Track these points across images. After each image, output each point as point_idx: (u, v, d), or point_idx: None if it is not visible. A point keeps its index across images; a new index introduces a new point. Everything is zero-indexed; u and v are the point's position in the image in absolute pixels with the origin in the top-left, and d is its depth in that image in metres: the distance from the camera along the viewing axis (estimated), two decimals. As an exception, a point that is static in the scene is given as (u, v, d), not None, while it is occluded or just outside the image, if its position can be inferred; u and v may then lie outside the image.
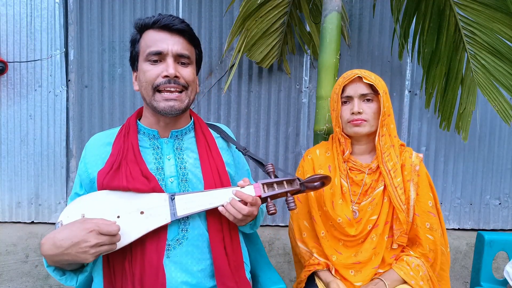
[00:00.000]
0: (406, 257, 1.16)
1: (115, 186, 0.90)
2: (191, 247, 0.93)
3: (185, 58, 0.95)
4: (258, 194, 0.94)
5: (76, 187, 1.00)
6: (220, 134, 1.11)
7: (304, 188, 1.01)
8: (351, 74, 1.14)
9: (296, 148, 2.41)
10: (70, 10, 2.24)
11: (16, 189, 2.29)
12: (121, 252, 0.88)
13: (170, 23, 0.93)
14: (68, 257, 0.79)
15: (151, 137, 1.00)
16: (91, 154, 0.99)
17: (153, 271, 0.87)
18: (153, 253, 0.88)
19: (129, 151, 0.94)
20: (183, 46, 0.95)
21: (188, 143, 1.03)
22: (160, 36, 0.93)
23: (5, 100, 2.24)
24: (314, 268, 1.21)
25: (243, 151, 1.08)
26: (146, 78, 0.93)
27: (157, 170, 0.95)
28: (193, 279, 0.92)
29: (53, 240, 0.79)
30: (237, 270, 0.96)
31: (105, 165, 0.93)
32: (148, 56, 0.93)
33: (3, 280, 2.10)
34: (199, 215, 0.96)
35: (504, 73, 1.81)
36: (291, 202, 0.95)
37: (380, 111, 1.15)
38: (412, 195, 1.15)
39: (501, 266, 2.22)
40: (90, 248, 0.78)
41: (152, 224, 0.89)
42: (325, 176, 1.02)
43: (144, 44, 0.95)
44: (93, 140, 1.02)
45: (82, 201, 0.89)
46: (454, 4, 1.81)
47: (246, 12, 1.89)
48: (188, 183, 0.97)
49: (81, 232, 0.78)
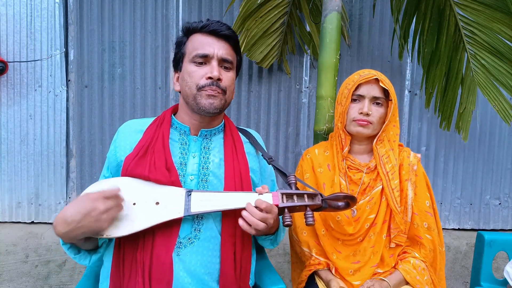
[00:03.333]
0: (413, 259, 1.15)
1: (137, 173, 0.92)
2: (201, 248, 0.93)
3: (228, 63, 1.00)
4: (276, 203, 0.91)
5: (104, 169, 1.04)
6: (249, 140, 1.12)
7: (326, 205, 0.95)
8: (368, 74, 1.13)
9: (296, 148, 2.41)
10: (70, 10, 2.24)
11: (16, 189, 2.29)
12: (132, 241, 0.90)
13: (218, 29, 0.98)
14: (83, 229, 0.81)
15: (182, 133, 1.03)
16: (123, 138, 1.02)
17: (160, 265, 0.88)
18: (162, 248, 0.89)
19: (158, 140, 0.97)
20: (228, 51, 1.00)
21: (216, 144, 1.05)
22: (207, 40, 0.98)
23: (5, 100, 2.24)
24: (314, 268, 1.21)
25: (268, 160, 1.08)
26: (192, 78, 0.97)
27: (180, 165, 0.97)
28: (199, 282, 0.92)
29: (63, 218, 0.81)
30: (242, 278, 0.96)
31: (133, 150, 0.96)
32: (194, 58, 0.98)
33: (3, 280, 2.10)
34: (214, 218, 0.96)
35: (504, 73, 1.81)
36: (309, 217, 0.90)
37: (386, 117, 1.15)
38: (410, 194, 1.16)
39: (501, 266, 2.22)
40: (101, 214, 0.80)
41: (165, 215, 0.89)
42: (351, 196, 0.97)
43: (191, 46, 0.99)
44: (126, 126, 1.05)
45: (102, 184, 0.91)
46: (454, 4, 1.81)
47: (246, 12, 1.89)
48: (208, 183, 0.98)
49: (88, 202, 0.80)
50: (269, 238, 1.05)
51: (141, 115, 2.31)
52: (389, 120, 1.16)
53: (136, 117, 2.30)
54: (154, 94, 2.31)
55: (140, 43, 2.28)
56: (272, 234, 1.04)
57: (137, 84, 2.30)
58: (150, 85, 2.30)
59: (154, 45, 2.29)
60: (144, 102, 2.31)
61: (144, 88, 2.30)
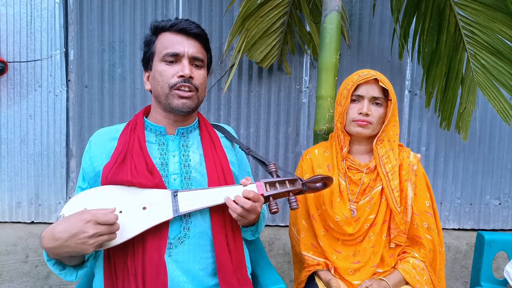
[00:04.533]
0: (412, 259, 1.15)
1: (119, 180, 0.90)
2: (192, 246, 0.94)
3: (199, 61, 1.00)
4: (261, 192, 0.94)
5: (80, 180, 1.02)
6: (224, 134, 1.13)
7: (306, 188, 1.01)
8: (368, 74, 1.13)
9: (296, 148, 2.41)
10: (70, 10, 2.24)
11: (16, 189, 2.29)
12: (122, 249, 0.89)
13: (187, 27, 0.98)
14: (68, 249, 0.79)
15: (158, 134, 1.02)
16: (96, 147, 1.00)
17: (154, 269, 0.88)
18: (154, 251, 0.89)
19: (135, 144, 0.96)
20: (198, 49, 1.00)
21: (194, 140, 1.05)
22: (176, 39, 0.98)
23: (5, 100, 2.24)
24: (314, 268, 1.21)
25: (246, 151, 1.10)
26: (163, 77, 0.97)
27: (161, 166, 0.97)
28: (195, 278, 0.92)
29: (52, 232, 0.79)
30: (239, 267, 0.97)
31: (110, 158, 0.95)
32: (164, 57, 0.97)
33: (3, 280, 2.10)
34: (202, 214, 0.97)
35: (504, 73, 1.81)
36: (293, 201, 0.95)
37: (385, 116, 1.15)
38: (410, 195, 1.16)
39: (501, 266, 2.22)
40: (89, 238, 0.78)
41: (154, 220, 0.89)
42: (327, 177, 1.02)
43: (160, 45, 0.99)
44: (98, 134, 1.04)
45: (84, 195, 0.89)
46: (454, 4, 1.81)
47: (246, 12, 1.89)
48: (191, 180, 0.98)
49: (79, 223, 0.78)
50: (250, 229, 1.06)
51: (141, 115, 2.31)
52: (388, 120, 1.15)
53: (136, 117, 2.30)
54: (154, 94, 2.31)
55: (140, 43, 2.27)
56: (253, 225, 1.05)
57: (137, 84, 2.30)
58: (150, 85, 2.30)
59: (154, 45, 2.29)
60: (144, 102, 2.31)
61: (144, 88, 2.30)
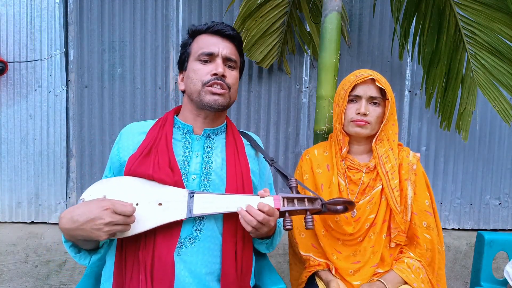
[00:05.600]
0: (407, 259, 1.15)
1: (140, 172, 0.93)
2: (202, 248, 0.94)
3: (232, 62, 1.03)
4: (277, 206, 0.92)
5: (106, 170, 1.06)
6: (250, 142, 1.13)
7: (325, 209, 0.98)
8: (364, 74, 1.13)
9: (296, 148, 2.41)
10: (70, 10, 2.24)
11: (16, 189, 2.29)
12: (135, 241, 0.90)
13: (222, 29, 1.01)
14: (83, 233, 0.81)
15: (185, 132, 1.04)
16: (126, 139, 1.03)
17: (162, 266, 0.88)
18: (163, 248, 0.89)
19: (161, 140, 0.98)
20: (232, 51, 1.03)
21: (218, 144, 1.05)
22: (212, 40, 1.01)
23: (5, 100, 2.24)
24: (314, 269, 1.21)
25: (270, 162, 1.09)
26: (197, 75, 0.99)
27: (183, 164, 0.98)
28: (200, 282, 0.92)
29: (71, 214, 0.82)
30: (243, 277, 0.96)
31: (136, 151, 0.97)
32: (199, 56, 1.00)
33: (3, 280, 2.10)
34: (215, 218, 0.97)
35: (504, 73, 1.81)
36: (309, 221, 0.92)
37: (384, 116, 1.15)
38: (409, 194, 1.16)
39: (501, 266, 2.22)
40: (104, 225, 0.80)
41: (167, 217, 0.89)
42: (349, 201, 0.99)
43: (196, 46, 1.02)
44: (129, 128, 1.06)
45: (106, 182, 0.91)
46: (454, 4, 1.81)
47: (246, 12, 1.89)
48: (210, 183, 0.99)
49: (97, 209, 0.81)
50: (265, 242, 1.06)
51: (141, 115, 2.31)
52: (387, 119, 1.15)
53: (136, 117, 2.30)
54: (154, 94, 2.31)
55: (140, 43, 2.28)
56: (268, 238, 1.04)
57: (137, 84, 2.30)
58: (150, 85, 2.30)
59: (154, 45, 2.29)
60: (144, 102, 2.31)
61: (144, 88, 2.30)
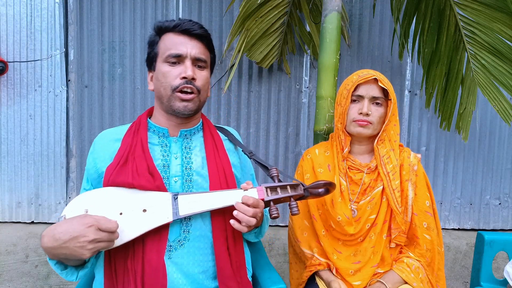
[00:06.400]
0: (407, 259, 1.16)
1: (120, 182, 0.91)
2: (192, 248, 0.94)
3: (202, 62, 1.00)
4: (261, 197, 0.93)
5: (84, 182, 1.03)
6: (228, 137, 1.12)
7: (307, 194, 1.00)
8: (367, 74, 1.13)
9: (296, 148, 2.41)
10: (70, 10, 2.24)
11: (16, 189, 2.29)
12: (123, 250, 0.89)
13: (190, 28, 0.97)
14: (66, 251, 0.79)
15: (161, 135, 1.02)
16: (100, 148, 1.01)
17: (153, 271, 0.88)
18: (153, 253, 0.89)
19: (137, 146, 0.96)
20: (201, 50, 0.99)
21: (196, 143, 1.04)
22: (179, 40, 0.97)
23: (5, 100, 2.24)
24: (315, 269, 1.21)
25: (249, 154, 1.09)
26: (166, 79, 0.97)
27: (163, 168, 0.97)
28: (194, 281, 0.92)
29: (53, 232, 0.79)
30: (238, 270, 0.96)
31: (113, 160, 0.95)
32: (167, 58, 0.97)
33: (3, 280, 2.10)
34: (202, 217, 0.96)
35: (504, 73, 1.81)
36: (294, 207, 0.94)
37: (386, 116, 1.15)
38: (410, 195, 1.16)
39: (501, 266, 2.22)
40: (88, 243, 0.78)
41: (153, 222, 0.89)
42: (330, 183, 1.01)
43: (163, 46, 0.98)
44: (102, 136, 1.04)
45: (86, 196, 0.90)
46: (454, 4, 1.81)
47: (246, 12, 1.89)
48: (192, 183, 0.98)
49: (81, 226, 0.78)
50: (253, 232, 1.06)
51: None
52: (389, 120, 1.15)
53: (136, 117, 2.30)
54: (154, 94, 2.30)
55: (140, 43, 2.28)
56: (256, 227, 1.04)
57: (137, 84, 2.30)
58: (150, 85, 2.30)
59: (154, 45, 2.28)
60: (144, 102, 2.31)
61: (144, 88, 2.30)
